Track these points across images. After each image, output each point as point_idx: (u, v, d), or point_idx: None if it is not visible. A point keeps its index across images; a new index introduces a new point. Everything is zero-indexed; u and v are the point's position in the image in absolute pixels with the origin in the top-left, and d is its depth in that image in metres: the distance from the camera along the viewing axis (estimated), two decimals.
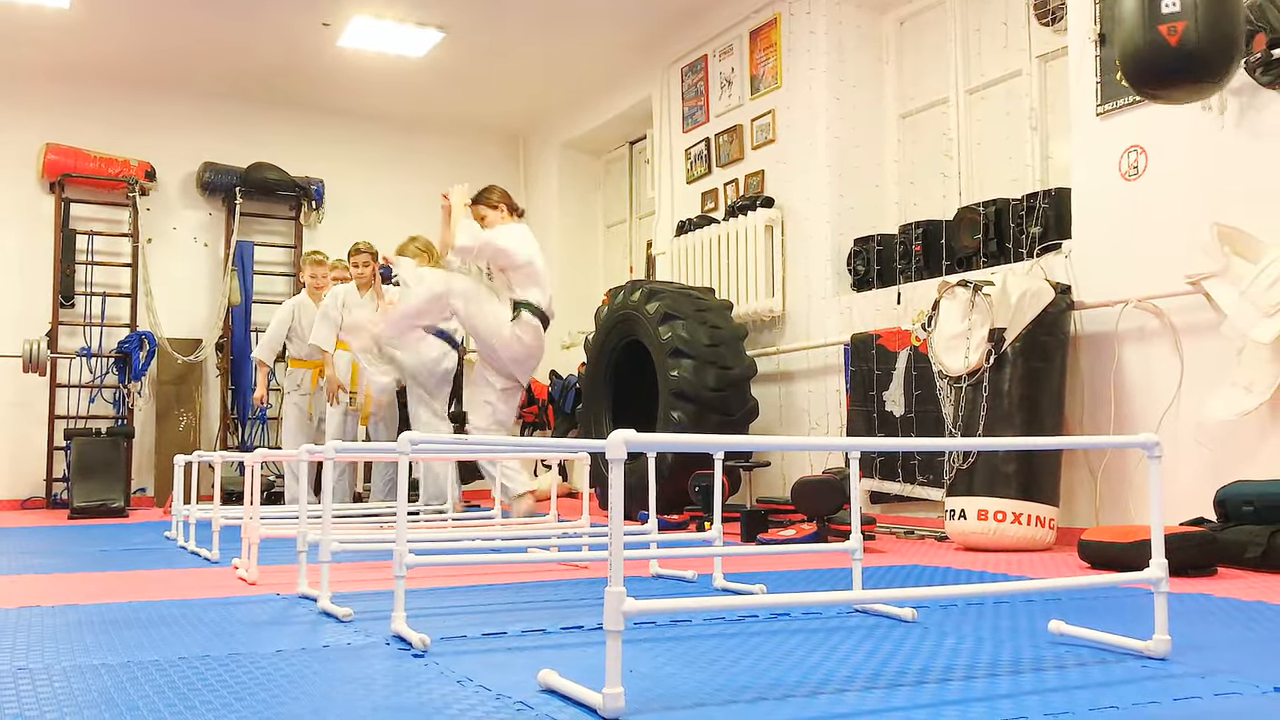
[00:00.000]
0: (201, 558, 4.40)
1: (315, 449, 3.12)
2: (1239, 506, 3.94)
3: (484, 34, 7.97)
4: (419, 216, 9.36)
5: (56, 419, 8.48)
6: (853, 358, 5.87)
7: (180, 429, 8.85)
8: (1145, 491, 4.42)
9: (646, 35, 7.98)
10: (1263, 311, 3.98)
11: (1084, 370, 4.92)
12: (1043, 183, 5.59)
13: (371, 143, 9.80)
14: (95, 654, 2.31)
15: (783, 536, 4.98)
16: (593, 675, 1.83)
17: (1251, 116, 4.27)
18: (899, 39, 6.69)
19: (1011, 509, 4.56)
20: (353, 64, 8.45)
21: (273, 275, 9.46)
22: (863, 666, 2.14)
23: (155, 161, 8.93)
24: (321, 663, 2.21)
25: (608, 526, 1.74)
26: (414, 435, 2.43)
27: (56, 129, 8.65)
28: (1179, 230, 4.46)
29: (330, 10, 7.53)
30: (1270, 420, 4.15)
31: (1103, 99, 4.87)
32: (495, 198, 5.93)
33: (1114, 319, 4.75)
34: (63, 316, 8.60)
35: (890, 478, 5.54)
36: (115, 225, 8.86)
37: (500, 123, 10.11)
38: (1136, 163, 4.74)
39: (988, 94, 6.08)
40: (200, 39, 8.00)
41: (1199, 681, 1.97)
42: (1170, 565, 2.26)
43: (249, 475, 3.91)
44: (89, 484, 7.64)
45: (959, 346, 4.87)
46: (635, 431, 1.74)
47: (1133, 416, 4.68)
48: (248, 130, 9.27)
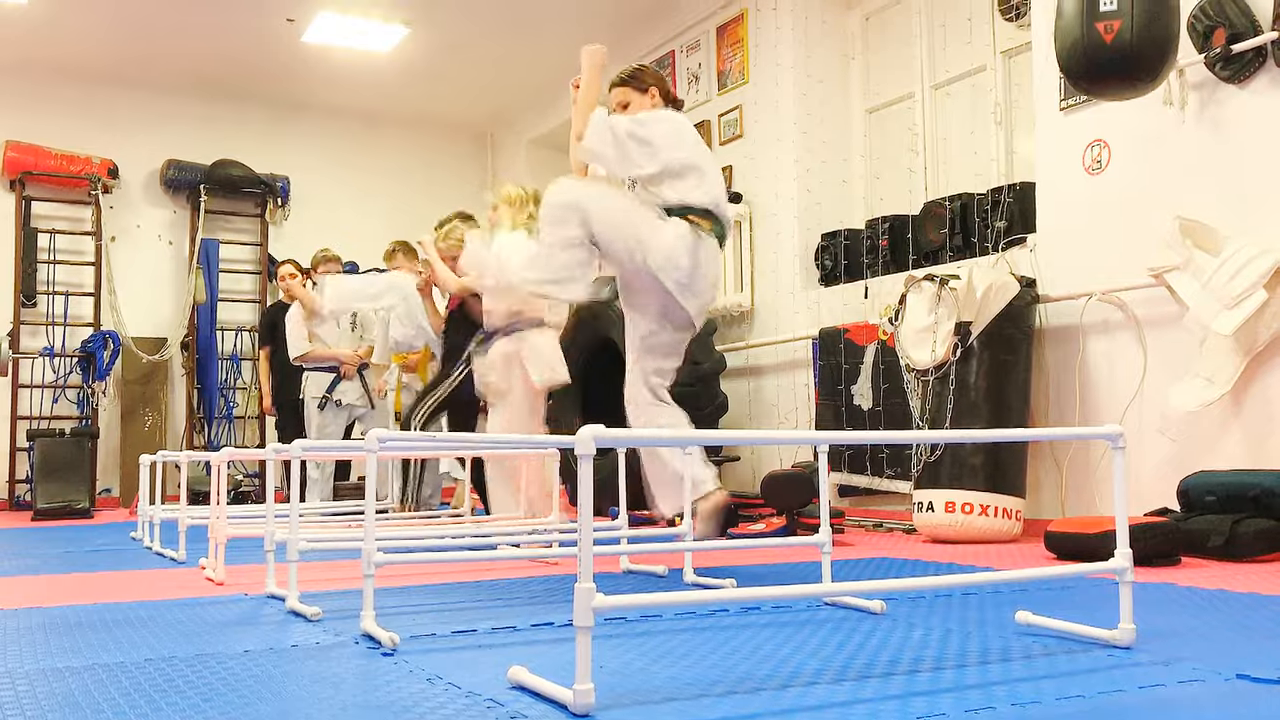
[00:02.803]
0: (168, 558, 4.36)
1: (282, 447, 3.10)
2: (1202, 496, 3.99)
3: (449, 30, 7.94)
4: (385, 213, 9.33)
5: (19, 419, 8.39)
6: (821, 352, 5.90)
7: (145, 429, 8.78)
8: (1110, 482, 4.46)
9: (613, 31, 7.96)
10: (1224, 304, 4.02)
11: (1049, 363, 4.96)
12: (1007, 177, 5.63)
13: (337, 139, 9.74)
14: (59, 657, 2.28)
15: (753, 531, 5.00)
16: (563, 672, 1.83)
17: (1212, 110, 4.32)
18: (865, 34, 6.72)
19: (978, 501, 4.60)
20: (318, 60, 8.40)
21: (238, 273, 9.39)
22: (832, 659, 2.15)
23: (118, 159, 8.85)
24: (290, 662, 2.20)
25: (577, 522, 1.73)
26: (383, 433, 2.41)
27: (16, 126, 8.55)
28: (1142, 224, 4.50)
29: (295, 6, 7.48)
30: (1232, 411, 4.20)
31: (1066, 94, 4.91)
32: (648, 79, 4.13)
33: (1078, 312, 4.80)
34: (24, 316, 8.50)
35: (859, 471, 5.57)
36: (78, 223, 8.77)
37: (467, 119, 10.07)
38: (1099, 157, 4.78)
39: (953, 89, 6.11)
40: (163, 35, 7.92)
41: (1163, 669, 1.99)
42: (1135, 555, 2.28)
43: (215, 474, 3.88)
44: (53, 485, 7.56)
45: (926, 340, 4.90)
46: (604, 427, 1.74)
47: (1097, 408, 4.72)
48: (212, 127, 9.20)
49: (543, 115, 9.46)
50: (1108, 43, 3.47)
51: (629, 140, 3.69)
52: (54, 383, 8.50)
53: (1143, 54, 3.50)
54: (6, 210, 8.55)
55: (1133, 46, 3.47)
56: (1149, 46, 3.50)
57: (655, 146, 3.67)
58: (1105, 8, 3.47)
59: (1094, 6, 3.48)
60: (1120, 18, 3.46)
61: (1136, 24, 3.45)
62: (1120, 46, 3.47)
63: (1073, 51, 3.58)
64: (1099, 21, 3.47)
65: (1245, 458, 4.14)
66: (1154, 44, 3.51)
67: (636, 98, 4.01)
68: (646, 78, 4.08)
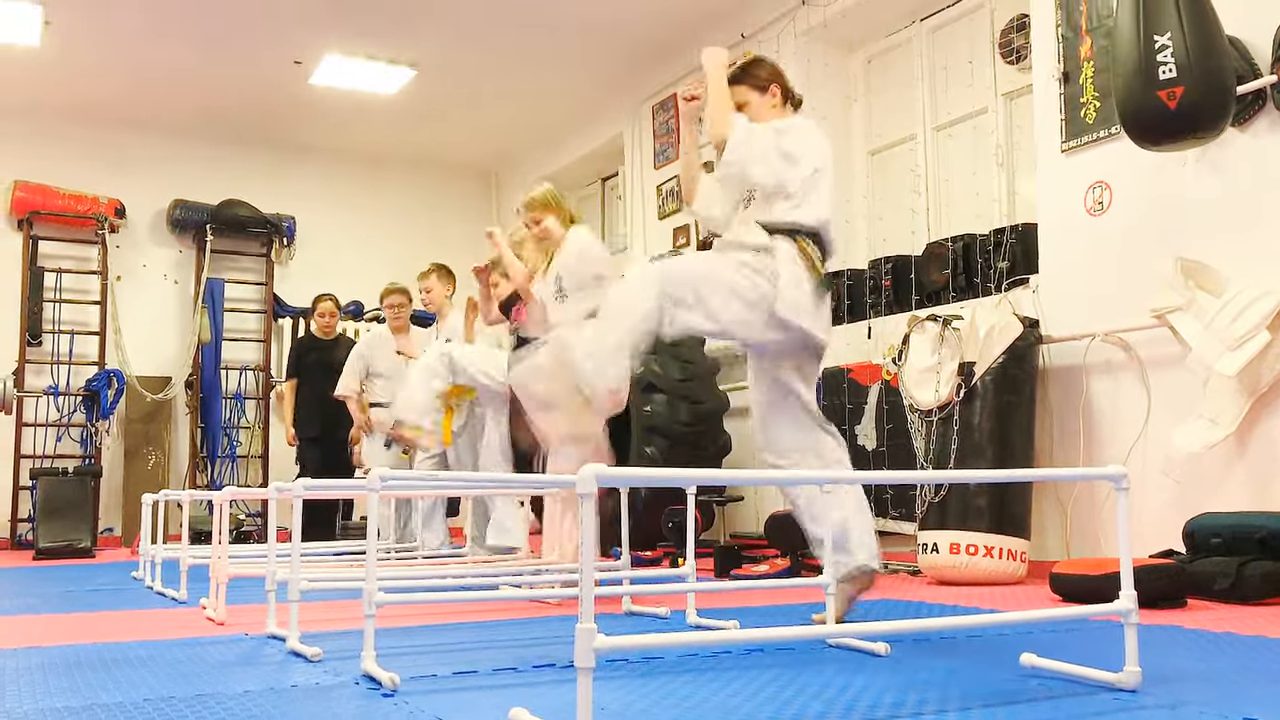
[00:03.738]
0: (169, 598, 4.34)
1: (285, 486, 3.09)
2: (1207, 538, 3.97)
3: (455, 72, 8.01)
4: (390, 252, 9.37)
5: (22, 458, 8.38)
6: (824, 392, 5.89)
7: (148, 468, 8.76)
8: (1115, 523, 4.44)
9: (617, 73, 8.04)
10: (1227, 345, 4.02)
11: (1053, 403, 4.96)
12: (1009, 218, 5.65)
13: (343, 179, 9.80)
14: (58, 697, 2.27)
15: (756, 572, 4.98)
16: (564, 713, 1.81)
17: (1213, 152, 4.33)
18: (867, 76, 6.77)
19: (983, 542, 4.57)
20: (325, 101, 8.47)
21: (243, 312, 9.41)
22: (836, 701, 2.13)
23: (125, 199, 8.90)
24: (290, 703, 2.18)
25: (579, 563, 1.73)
26: (385, 471, 2.41)
27: (26, 166, 8.61)
28: (1144, 264, 4.51)
29: (302, 48, 7.56)
30: (1236, 452, 4.19)
31: (1067, 136, 4.94)
32: (764, 74, 3.53)
33: (1081, 352, 4.80)
34: (30, 354, 8.52)
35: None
36: (84, 262, 8.81)
37: (473, 159, 10.14)
38: (1101, 198, 4.80)
39: (954, 131, 6.15)
40: (172, 76, 8.00)
41: (1169, 713, 1.97)
42: (1140, 597, 2.27)
43: (217, 514, 3.87)
44: (55, 524, 7.54)
45: (929, 380, 4.89)
46: (606, 466, 1.74)
47: (1101, 448, 4.71)
48: (218, 167, 9.26)
49: (548, 155, 9.52)
50: (1172, 109, 3.51)
51: (773, 153, 3.23)
52: (58, 421, 8.50)
53: (1205, 113, 3.55)
54: (14, 249, 8.60)
55: (1196, 110, 3.52)
56: (1211, 106, 3.55)
57: (798, 161, 3.25)
58: (1165, 75, 3.50)
59: (1153, 74, 3.52)
60: (1182, 83, 3.49)
61: (1197, 87, 3.50)
62: (1184, 112, 3.51)
63: (1137, 117, 3.63)
64: (1161, 90, 3.50)
65: (1250, 499, 4.12)
66: (1215, 102, 3.56)
67: (755, 98, 3.46)
68: (762, 73, 3.50)
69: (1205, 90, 3.52)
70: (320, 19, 7.14)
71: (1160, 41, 3.55)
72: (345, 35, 7.41)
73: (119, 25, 7.16)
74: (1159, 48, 3.54)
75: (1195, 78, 3.50)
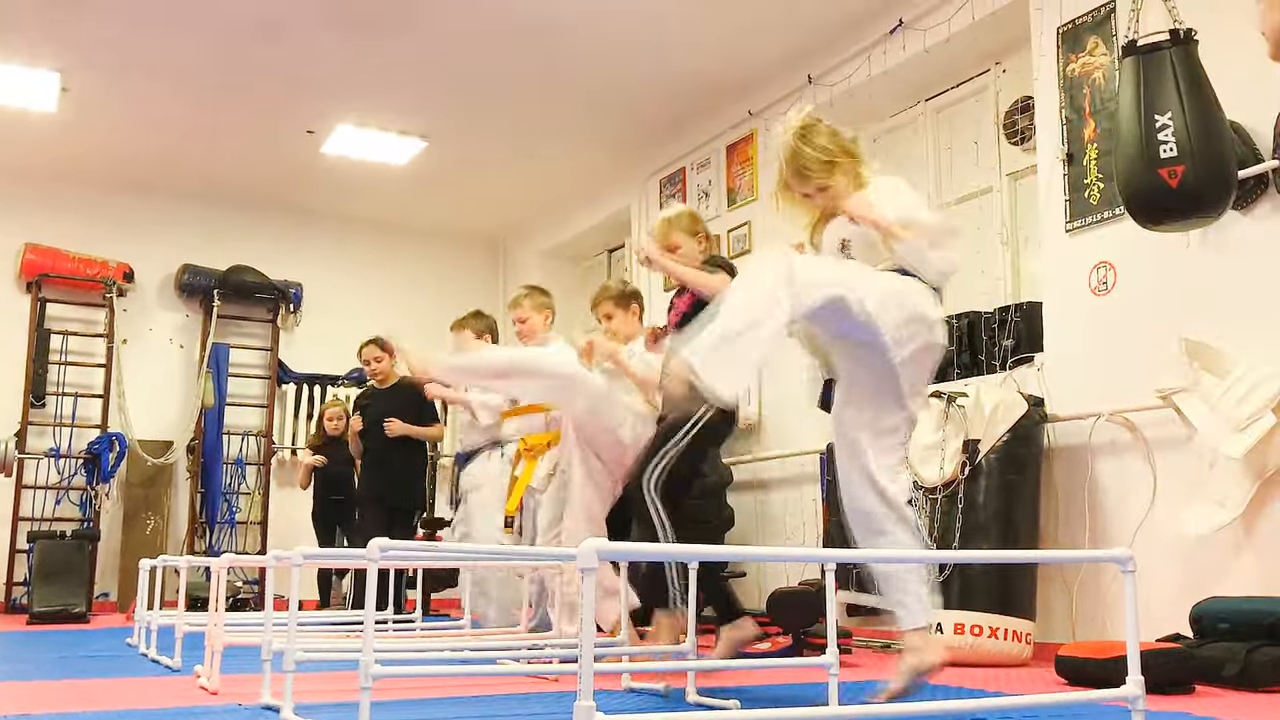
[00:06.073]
0: (163, 666, 4.29)
1: (283, 554, 3.07)
2: (1215, 623, 3.91)
3: (465, 144, 8.11)
4: (397, 321, 9.38)
5: (20, 521, 8.34)
6: (829, 467, 5.86)
7: (147, 532, 8.71)
8: (1121, 606, 4.39)
9: (625, 148, 8.13)
10: (1233, 426, 4.01)
11: (1058, 483, 4.93)
12: (1014, 296, 5.67)
13: (352, 247, 9.87)
14: None
15: (758, 650, 4.91)
16: None
17: (1215, 235, 4.36)
18: (872, 156, 6.82)
19: (988, 623, 4.52)
20: (335, 170, 8.57)
21: (248, 378, 9.42)
22: None
23: (134, 263, 8.97)
24: None
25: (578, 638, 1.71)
26: (383, 541, 2.39)
27: (36, 229, 8.69)
28: (1149, 345, 4.51)
29: (315, 118, 7.66)
30: (1244, 535, 4.15)
31: (1072, 216, 4.97)
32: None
33: (1087, 431, 4.78)
34: (33, 416, 8.52)
35: (867, 590, 5.48)
36: (91, 326, 8.85)
37: (481, 229, 10.22)
38: (1105, 278, 4.82)
39: (960, 209, 6.19)
40: (185, 143, 8.11)
41: None
42: (1147, 682, 2.23)
43: (214, 580, 3.83)
44: (50, 588, 7.47)
45: (933, 457, 4.87)
46: (607, 540, 1.72)
47: (1107, 529, 4.67)
48: (228, 233, 9.33)
49: (555, 227, 9.60)
50: (1173, 188, 3.53)
51: None
52: (58, 484, 8.47)
53: (1207, 194, 3.57)
54: (21, 312, 8.63)
55: (1197, 188, 3.54)
56: (1212, 186, 3.56)
57: None
58: (1167, 154, 3.53)
59: (1154, 152, 3.54)
60: (1183, 162, 3.51)
61: (1199, 166, 3.52)
62: (1185, 191, 3.53)
63: (1139, 196, 3.65)
64: (1162, 168, 3.53)
65: (1258, 583, 4.08)
66: (1217, 182, 3.57)
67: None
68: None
69: (1207, 169, 3.54)
70: (334, 90, 7.25)
71: (1161, 121, 3.58)
72: (358, 106, 7.52)
73: (135, 92, 7.27)
74: (1160, 127, 3.58)
75: (1197, 157, 3.52)
